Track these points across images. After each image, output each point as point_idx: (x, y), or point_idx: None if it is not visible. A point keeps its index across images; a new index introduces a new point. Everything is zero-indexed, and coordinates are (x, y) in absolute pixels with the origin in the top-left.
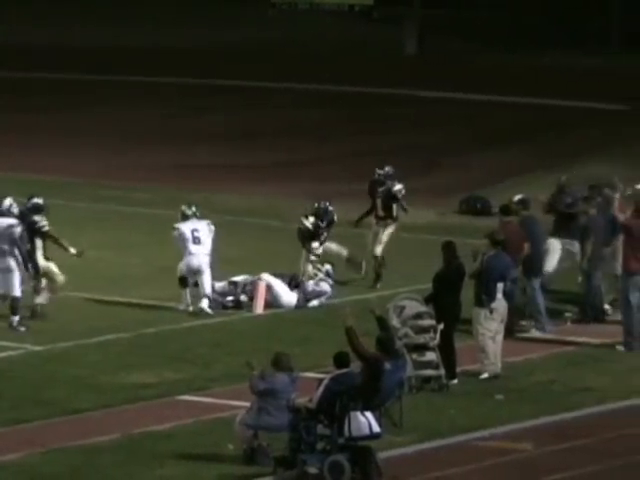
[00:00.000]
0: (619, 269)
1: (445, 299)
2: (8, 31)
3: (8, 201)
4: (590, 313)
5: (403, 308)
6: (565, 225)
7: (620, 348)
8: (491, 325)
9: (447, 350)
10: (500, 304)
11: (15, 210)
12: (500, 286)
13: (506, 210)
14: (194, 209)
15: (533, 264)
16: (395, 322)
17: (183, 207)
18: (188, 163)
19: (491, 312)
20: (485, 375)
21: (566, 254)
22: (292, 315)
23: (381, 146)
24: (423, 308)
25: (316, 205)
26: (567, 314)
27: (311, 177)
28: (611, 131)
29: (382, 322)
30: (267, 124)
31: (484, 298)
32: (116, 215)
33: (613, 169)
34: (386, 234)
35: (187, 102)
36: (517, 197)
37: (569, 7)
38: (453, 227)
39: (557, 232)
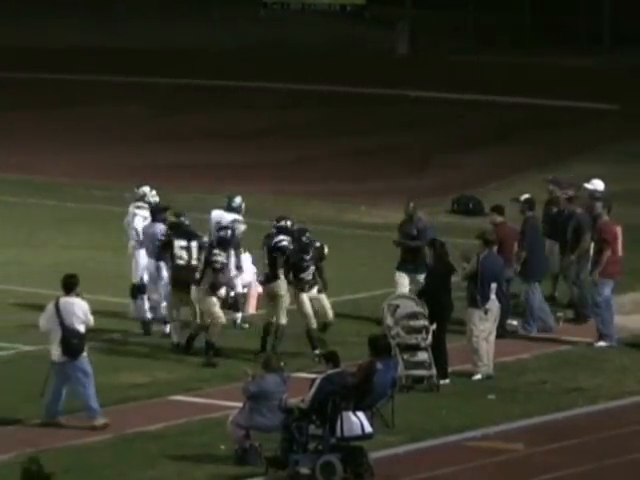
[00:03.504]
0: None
1: (438, 296)
2: None
3: (239, 199)
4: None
5: (397, 307)
6: (411, 257)
7: (602, 344)
8: (485, 326)
9: (439, 350)
10: (493, 304)
11: (242, 208)
12: (493, 286)
13: (500, 210)
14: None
15: (533, 266)
16: (389, 321)
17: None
18: (178, 163)
19: (485, 313)
20: (478, 376)
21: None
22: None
23: (373, 146)
24: (418, 308)
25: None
26: (559, 314)
27: (302, 177)
28: (602, 131)
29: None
30: (257, 124)
31: (478, 299)
32: (107, 215)
33: (603, 168)
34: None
35: (174, 102)
36: (524, 196)
37: (559, 6)
38: (445, 227)
39: (402, 265)
